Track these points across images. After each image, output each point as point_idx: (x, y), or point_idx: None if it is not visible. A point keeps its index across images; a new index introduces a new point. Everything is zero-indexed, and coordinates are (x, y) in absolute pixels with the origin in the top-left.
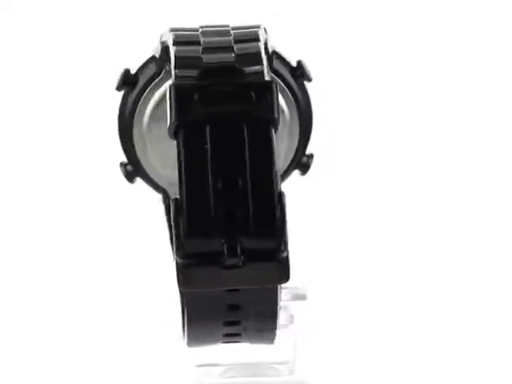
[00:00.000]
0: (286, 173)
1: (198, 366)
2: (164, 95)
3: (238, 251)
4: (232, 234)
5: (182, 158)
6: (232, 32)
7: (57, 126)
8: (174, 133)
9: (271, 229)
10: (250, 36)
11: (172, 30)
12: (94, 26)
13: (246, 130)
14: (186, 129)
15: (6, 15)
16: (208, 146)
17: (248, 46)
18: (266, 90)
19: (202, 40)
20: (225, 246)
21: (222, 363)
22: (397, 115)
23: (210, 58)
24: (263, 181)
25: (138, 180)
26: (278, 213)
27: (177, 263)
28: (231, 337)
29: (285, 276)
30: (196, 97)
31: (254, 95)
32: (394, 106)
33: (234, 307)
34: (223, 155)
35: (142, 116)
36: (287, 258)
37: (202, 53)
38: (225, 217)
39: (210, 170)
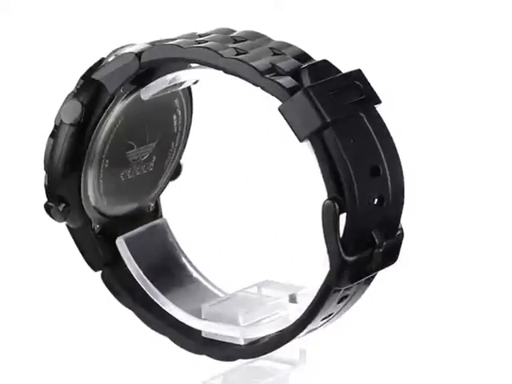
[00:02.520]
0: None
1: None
2: (114, 125)
3: (383, 240)
4: (379, 223)
5: (339, 155)
6: (239, 36)
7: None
8: (316, 133)
9: (401, 213)
10: (261, 37)
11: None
12: (92, 26)
13: (366, 119)
14: (333, 127)
15: (6, 16)
16: (354, 141)
17: (282, 45)
18: (364, 78)
19: (241, 48)
20: (375, 236)
21: (222, 371)
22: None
23: (279, 61)
24: (396, 167)
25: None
26: None
27: (337, 262)
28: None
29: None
30: (328, 97)
31: (360, 85)
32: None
33: (344, 298)
34: (366, 147)
35: (95, 153)
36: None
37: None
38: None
39: (363, 163)
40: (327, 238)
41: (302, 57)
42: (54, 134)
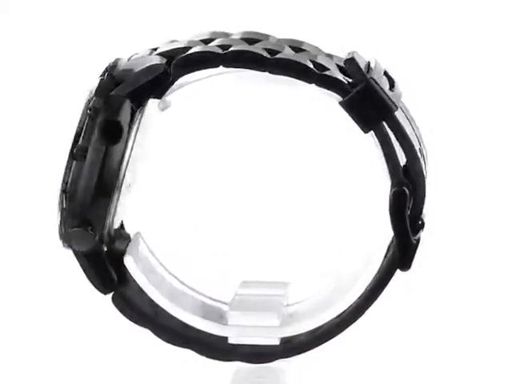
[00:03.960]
0: None
1: None
2: (133, 141)
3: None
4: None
5: (406, 141)
6: (247, 37)
7: (54, 125)
8: (385, 122)
9: None
10: (269, 36)
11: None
12: (92, 26)
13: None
14: (397, 113)
15: (6, 16)
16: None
17: (296, 42)
18: (385, 68)
19: (270, 48)
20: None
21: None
22: None
23: (312, 57)
24: (427, 152)
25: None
26: None
27: (407, 243)
28: None
29: None
30: (384, 87)
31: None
32: None
33: None
34: (412, 132)
35: (122, 172)
36: None
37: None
38: None
39: (418, 148)
40: (398, 220)
41: (322, 52)
42: (79, 156)
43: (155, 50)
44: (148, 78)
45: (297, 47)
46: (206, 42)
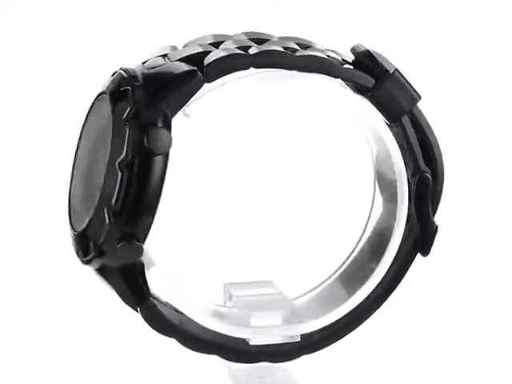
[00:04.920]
0: None
1: None
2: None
3: None
4: None
5: (429, 129)
6: (253, 38)
7: (54, 125)
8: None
9: None
10: (273, 36)
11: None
12: (93, 26)
13: None
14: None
15: (7, 15)
16: None
17: (302, 40)
18: None
19: (287, 46)
20: None
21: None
22: None
23: (327, 53)
24: None
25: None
26: None
27: (430, 228)
28: None
29: None
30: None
31: None
32: None
33: None
34: None
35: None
36: None
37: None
38: None
39: None
40: (422, 206)
41: (326, 47)
42: (124, 169)
43: (165, 56)
44: (184, 83)
45: (303, 44)
46: (215, 45)
